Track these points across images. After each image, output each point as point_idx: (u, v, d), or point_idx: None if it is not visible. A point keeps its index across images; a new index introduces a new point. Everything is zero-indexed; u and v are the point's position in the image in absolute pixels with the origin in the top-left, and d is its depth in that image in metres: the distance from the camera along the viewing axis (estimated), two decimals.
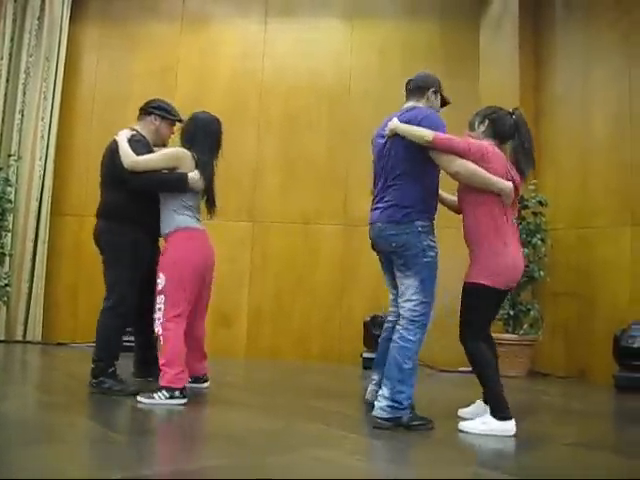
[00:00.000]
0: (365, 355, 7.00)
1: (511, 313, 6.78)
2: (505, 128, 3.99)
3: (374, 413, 3.69)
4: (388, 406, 3.66)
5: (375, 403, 3.74)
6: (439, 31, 8.11)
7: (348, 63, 8.12)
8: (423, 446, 3.42)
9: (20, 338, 7.80)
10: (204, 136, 4.52)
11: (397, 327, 3.81)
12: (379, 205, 3.96)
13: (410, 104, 4.06)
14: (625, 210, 6.42)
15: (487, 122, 4.00)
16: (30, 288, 7.92)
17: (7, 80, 8.15)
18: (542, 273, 6.78)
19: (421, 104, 4.03)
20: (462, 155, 3.74)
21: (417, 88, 4.08)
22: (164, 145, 4.86)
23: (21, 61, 8.17)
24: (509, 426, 3.63)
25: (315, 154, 7.95)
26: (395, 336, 3.79)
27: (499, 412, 3.67)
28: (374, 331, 7.02)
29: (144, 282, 4.54)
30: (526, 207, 6.89)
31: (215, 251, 4.63)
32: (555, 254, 6.95)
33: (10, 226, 7.81)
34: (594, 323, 6.56)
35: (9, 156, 7.95)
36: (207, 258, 4.54)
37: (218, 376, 5.35)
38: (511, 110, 4.07)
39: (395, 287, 4.05)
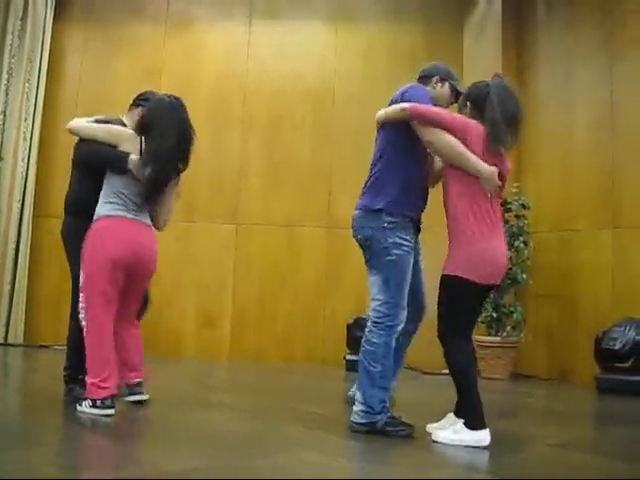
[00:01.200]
0: (348, 357, 7.00)
1: (494, 315, 6.80)
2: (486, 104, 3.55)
3: (351, 418, 3.63)
4: (362, 411, 3.59)
5: (353, 407, 3.67)
6: (423, 34, 8.14)
7: (332, 66, 8.13)
8: (404, 448, 3.43)
9: (2, 340, 7.74)
10: (158, 123, 4.02)
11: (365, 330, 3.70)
12: (362, 193, 3.83)
13: None
14: (607, 213, 6.46)
15: (468, 103, 3.66)
16: (12, 290, 7.85)
17: None
18: (525, 276, 6.81)
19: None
20: (444, 128, 3.49)
21: (421, 78, 3.93)
22: None
23: (3, 62, 8.10)
24: (482, 435, 3.37)
25: (299, 156, 7.95)
26: (363, 339, 3.68)
27: (473, 420, 3.40)
28: (357, 333, 7.03)
29: None
30: (509, 210, 6.92)
31: (154, 252, 4.09)
32: (537, 257, 6.98)
33: None
34: (576, 325, 6.60)
35: None
36: (129, 252, 3.88)
37: (201, 378, 5.35)
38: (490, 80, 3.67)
39: None
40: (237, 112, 8.16)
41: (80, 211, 4.17)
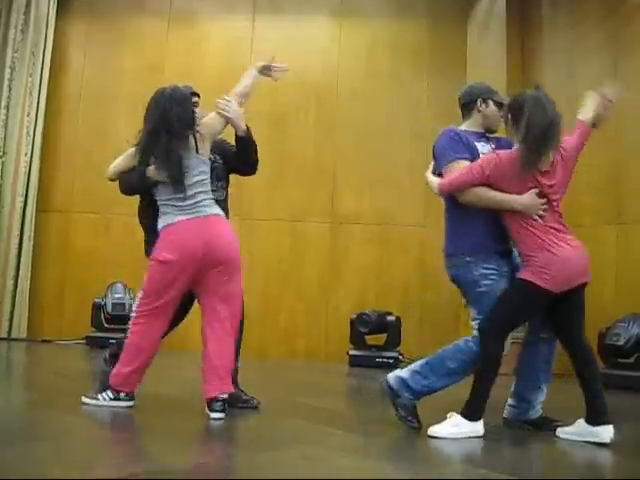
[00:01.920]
0: (351, 353, 7.01)
1: None
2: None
3: (387, 376, 3.60)
4: (402, 378, 3.54)
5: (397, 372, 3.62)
6: (427, 30, 8.12)
7: (336, 61, 8.11)
8: (412, 443, 3.43)
9: (5, 335, 7.74)
10: (149, 115, 4.08)
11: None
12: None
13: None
14: (611, 209, 6.45)
15: (509, 117, 3.64)
16: (15, 285, 7.85)
17: None
18: None
19: (465, 124, 3.84)
20: (476, 183, 3.49)
21: (463, 106, 3.90)
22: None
23: (6, 56, 8.10)
24: (479, 427, 3.43)
25: (302, 152, 7.94)
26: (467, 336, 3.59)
27: (474, 414, 3.44)
28: (360, 329, 7.05)
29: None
30: None
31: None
32: None
33: None
34: None
35: None
36: (192, 251, 3.81)
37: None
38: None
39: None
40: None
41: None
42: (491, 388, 3.51)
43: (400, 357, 6.98)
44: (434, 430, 3.39)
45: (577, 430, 3.48)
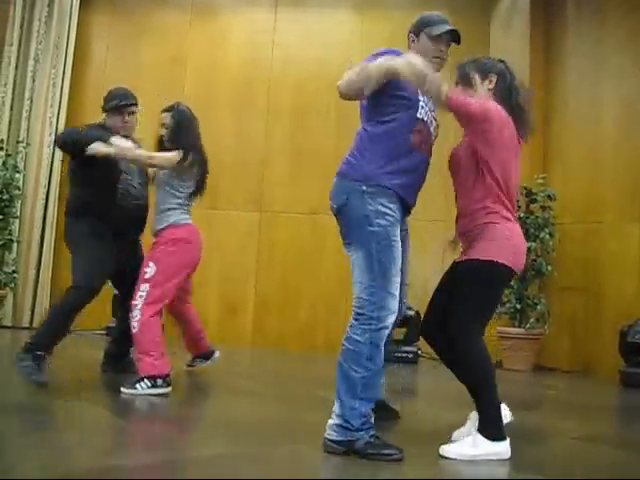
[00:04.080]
0: None
1: (518, 307, 6.76)
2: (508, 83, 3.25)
3: (325, 433, 2.94)
4: (338, 425, 2.89)
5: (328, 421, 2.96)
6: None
7: (358, 54, 8.01)
8: (427, 438, 3.42)
9: (27, 324, 7.82)
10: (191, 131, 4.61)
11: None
12: None
13: None
14: (633, 205, 6.38)
15: (494, 76, 3.29)
16: (37, 275, 7.93)
17: (16, 67, 8.14)
18: (550, 267, 6.76)
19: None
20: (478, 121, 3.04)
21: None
22: (125, 136, 4.52)
23: (30, 48, 8.16)
24: (503, 448, 2.96)
25: (323, 144, 7.93)
26: (345, 336, 2.97)
27: (494, 431, 2.97)
28: None
29: (122, 276, 4.62)
30: (535, 201, 6.88)
31: (204, 241, 4.61)
32: (563, 248, 6.92)
33: (18, 213, 7.82)
34: (601, 318, 6.54)
35: (17, 143, 7.95)
36: (198, 257, 4.54)
37: (224, 365, 5.37)
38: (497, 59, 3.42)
39: None
40: (262, 100, 8.15)
41: (79, 213, 4.51)
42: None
43: (419, 352, 6.96)
44: (447, 449, 2.98)
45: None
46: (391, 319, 2.95)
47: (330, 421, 2.93)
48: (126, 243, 4.63)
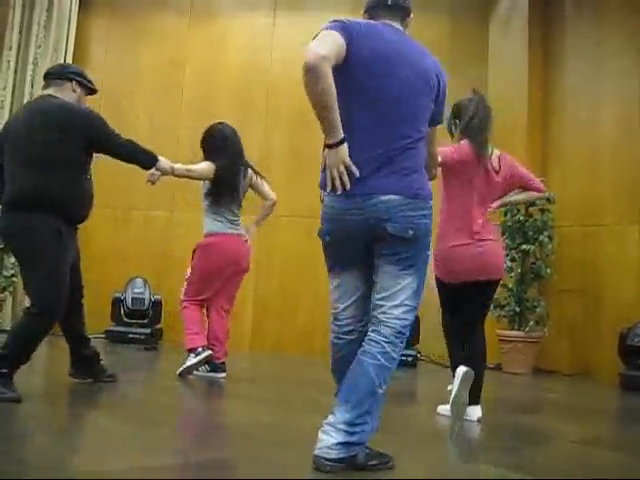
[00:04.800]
0: None
1: (517, 310, 6.76)
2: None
3: (320, 452, 2.63)
4: (342, 443, 2.61)
5: (321, 436, 2.67)
6: (448, 27, 8.08)
7: None
8: (426, 441, 3.42)
9: None
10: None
11: (375, 339, 2.76)
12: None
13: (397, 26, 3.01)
14: (633, 208, 6.39)
15: (457, 122, 4.15)
16: None
17: (15, 71, 8.13)
18: (549, 270, 6.76)
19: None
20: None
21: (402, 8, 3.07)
22: None
23: (29, 52, 8.15)
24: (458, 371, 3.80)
25: (322, 148, 7.92)
26: (375, 349, 2.73)
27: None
28: None
29: (70, 277, 4.00)
30: (533, 204, 6.87)
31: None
32: (562, 251, 6.93)
33: None
34: (600, 321, 6.54)
35: None
36: (223, 263, 5.21)
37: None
38: (470, 96, 4.21)
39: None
40: (261, 103, 8.15)
41: (39, 204, 3.82)
42: None
43: (418, 355, 6.96)
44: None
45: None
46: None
47: (329, 440, 2.62)
48: (74, 231, 4.18)
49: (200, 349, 4.93)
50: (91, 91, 4.39)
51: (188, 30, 8.41)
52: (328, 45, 2.77)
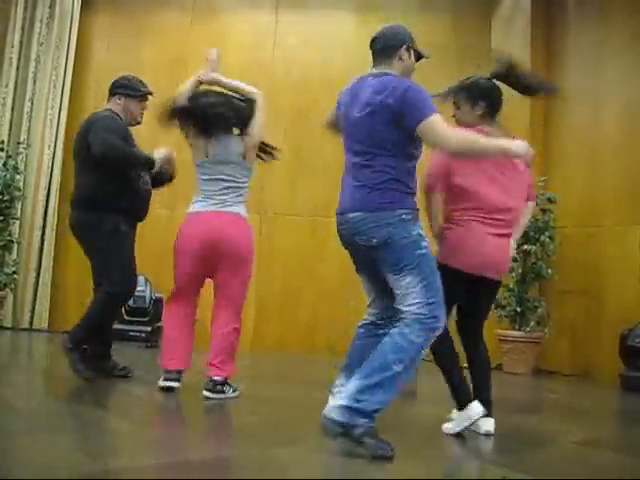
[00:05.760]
0: None
1: (518, 310, 6.76)
2: (498, 100, 3.69)
3: (325, 411, 2.94)
4: (345, 407, 2.90)
5: (331, 398, 3.10)
6: (450, 26, 8.07)
7: (359, 56, 8.02)
8: (430, 441, 3.42)
9: (27, 326, 7.82)
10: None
11: (396, 325, 3.09)
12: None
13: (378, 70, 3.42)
14: (634, 209, 6.37)
15: (483, 103, 3.67)
16: (37, 276, 7.93)
17: (17, 68, 8.13)
18: (550, 271, 6.75)
19: (393, 69, 3.36)
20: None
21: (379, 49, 3.49)
22: (137, 123, 4.83)
23: (32, 49, 8.15)
24: (474, 408, 3.46)
25: (325, 146, 7.89)
26: (394, 331, 3.06)
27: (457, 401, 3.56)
28: None
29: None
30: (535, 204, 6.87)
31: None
32: (563, 252, 6.92)
33: (18, 214, 7.82)
34: (601, 322, 6.54)
35: (18, 144, 7.95)
36: (198, 242, 4.24)
37: None
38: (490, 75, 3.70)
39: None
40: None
41: (96, 205, 4.49)
42: None
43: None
44: (447, 427, 3.48)
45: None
46: (441, 329, 3.13)
47: (336, 402, 2.94)
48: (133, 230, 4.72)
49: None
50: (139, 97, 4.83)
51: (190, 27, 8.40)
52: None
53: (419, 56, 3.48)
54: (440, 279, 3.15)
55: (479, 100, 3.66)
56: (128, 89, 4.77)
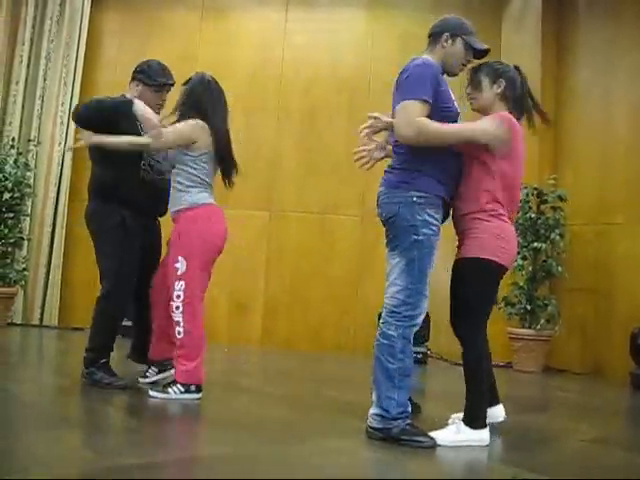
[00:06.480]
0: None
1: (528, 308, 6.74)
2: (518, 90, 3.56)
3: (367, 420, 3.23)
4: (377, 414, 3.18)
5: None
6: None
7: (369, 54, 8.07)
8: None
9: (37, 322, 7.85)
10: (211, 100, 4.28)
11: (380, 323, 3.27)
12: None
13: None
14: None
15: (503, 82, 3.55)
16: (47, 273, 7.96)
17: (28, 66, 8.16)
18: (560, 268, 6.73)
19: (432, 54, 3.46)
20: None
21: (431, 36, 3.57)
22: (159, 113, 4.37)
23: (42, 47, 8.18)
24: (485, 435, 3.17)
25: (334, 145, 7.91)
26: (377, 333, 3.30)
27: (476, 420, 3.18)
28: None
29: (140, 265, 4.26)
30: (545, 202, 6.85)
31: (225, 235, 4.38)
32: (573, 250, 6.89)
33: (29, 211, 7.84)
34: (611, 320, 6.51)
35: (29, 141, 7.98)
36: (225, 240, 4.30)
37: (233, 364, 5.37)
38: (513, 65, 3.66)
39: None
40: (272, 99, 8.14)
41: (107, 195, 4.28)
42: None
43: (428, 352, 6.94)
44: (435, 434, 3.17)
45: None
46: (421, 318, 3.27)
47: (370, 410, 3.20)
48: (148, 223, 4.42)
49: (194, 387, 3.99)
50: (155, 87, 4.37)
51: (200, 26, 8.41)
52: None
53: (474, 49, 3.60)
54: (486, 279, 3.23)
55: (500, 77, 3.60)
56: (144, 76, 4.34)
